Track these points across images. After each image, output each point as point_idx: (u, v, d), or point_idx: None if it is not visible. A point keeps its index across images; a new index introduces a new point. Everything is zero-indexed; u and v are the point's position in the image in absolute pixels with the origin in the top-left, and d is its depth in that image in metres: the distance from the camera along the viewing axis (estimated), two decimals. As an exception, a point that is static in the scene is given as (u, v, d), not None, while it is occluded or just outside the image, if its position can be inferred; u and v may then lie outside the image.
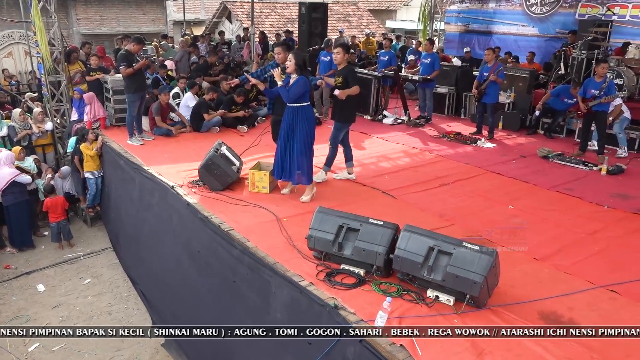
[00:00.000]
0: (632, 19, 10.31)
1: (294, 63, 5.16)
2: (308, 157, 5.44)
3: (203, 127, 8.61)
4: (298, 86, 5.17)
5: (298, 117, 5.29)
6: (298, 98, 5.22)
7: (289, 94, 5.21)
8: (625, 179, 6.82)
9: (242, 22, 19.78)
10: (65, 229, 7.97)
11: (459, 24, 14.10)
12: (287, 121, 5.35)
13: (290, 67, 5.18)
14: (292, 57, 5.21)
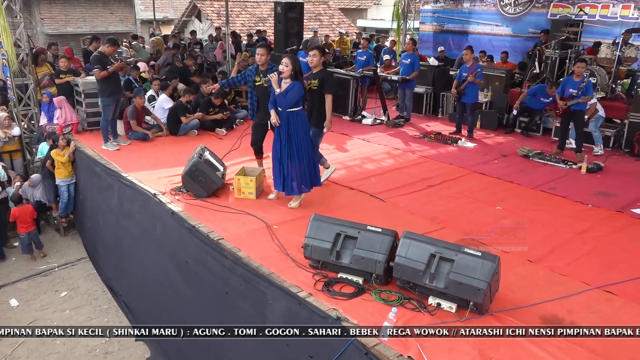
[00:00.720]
0: (602, 18, 10.56)
1: (292, 69, 5.05)
2: (308, 161, 5.31)
3: (180, 130, 8.38)
4: (294, 92, 5.06)
5: (293, 122, 5.17)
6: (294, 103, 5.11)
7: (285, 100, 5.07)
8: (605, 176, 6.95)
9: (213, 21, 19.42)
10: (36, 238, 7.63)
11: (433, 24, 14.18)
12: (282, 127, 5.21)
13: (287, 72, 5.05)
14: (290, 62, 5.08)
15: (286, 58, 5.14)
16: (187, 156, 7.19)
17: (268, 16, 21.25)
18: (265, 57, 5.65)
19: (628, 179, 6.86)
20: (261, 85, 5.67)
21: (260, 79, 5.68)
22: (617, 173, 7.09)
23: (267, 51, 5.72)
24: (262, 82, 5.64)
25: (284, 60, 5.10)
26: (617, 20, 10.52)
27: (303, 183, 5.34)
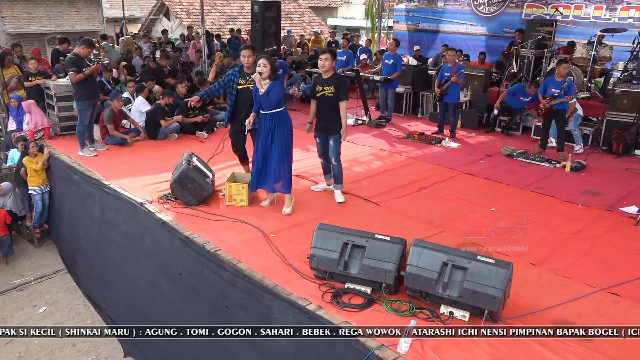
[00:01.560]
0: (575, 19, 10.78)
1: (270, 69, 4.93)
2: (288, 162, 5.25)
3: (160, 134, 8.09)
4: (276, 92, 4.95)
5: (276, 122, 5.08)
6: (277, 104, 5.00)
7: (269, 100, 4.94)
8: (588, 175, 7.06)
9: (182, 19, 18.99)
10: (6, 245, 7.25)
11: (408, 23, 14.21)
12: (265, 129, 5.10)
13: (266, 72, 4.92)
14: (267, 62, 4.95)
15: (263, 58, 5.00)
16: (169, 161, 6.99)
17: (238, 14, 20.98)
18: (252, 58, 5.46)
19: (611, 176, 7.00)
20: (246, 89, 5.47)
21: (245, 81, 5.49)
22: (599, 171, 7.22)
23: (252, 52, 5.52)
24: (247, 85, 5.46)
25: (262, 60, 4.96)
26: (590, 21, 10.77)
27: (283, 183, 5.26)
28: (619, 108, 8.22)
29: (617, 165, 7.53)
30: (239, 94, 5.56)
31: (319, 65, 5.41)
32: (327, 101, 5.42)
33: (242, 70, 5.55)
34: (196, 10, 19.57)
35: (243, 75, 5.52)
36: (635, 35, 9.25)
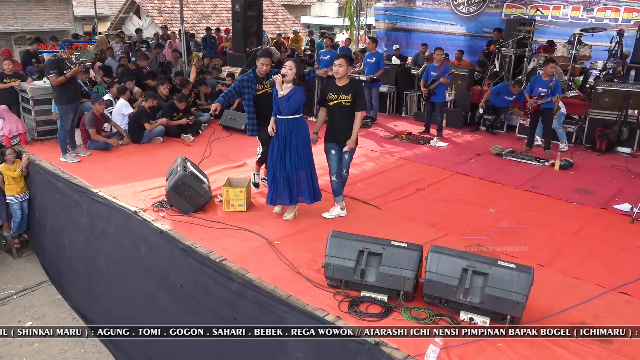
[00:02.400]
0: (554, 19, 10.97)
1: (295, 72, 4.77)
2: (309, 170, 5.06)
3: (144, 137, 7.83)
4: (298, 97, 4.80)
5: (293, 129, 4.91)
6: (296, 109, 4.85)
7: (288, 105, 4.79)
8: (577, 173, 7.17)
9: (154, 17, 18.52)
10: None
11: (386, 22, 14.21)
12: (281, 135, 4.92)
13: (291, 75, 4.77)
14: (294, 65, 4.79)
15: (290, 61, 4.85)
16: (158, 167, 6.79)
17: (211, 12, 20.62)
18: (269, 66, 5.39)
19: (599, 174, 7.12)
20: (264, 93, 5.37)
21: (263, 86, 5.38)
22: (586, 169, 7.35)
23: (271, 60, 5.45)
24: (265, 89, 5.35)
25: (289, 63, 4.82)
26: (568, 21, 10.98)
27: (300, 194, 5.08)
28: (601, 106, 8.38)
29: (603, 163, 7.67)
30: (259, 99, 5.41)
31: (334, 71, 5.06)
32: (343, 110, 5.03)
33: (256, 76, 5.41)
34: (168, 9, 19.15)
35: (259, 80, 5.40)
36: (613, 34, 9.46)
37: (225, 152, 7.53)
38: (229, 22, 20.54)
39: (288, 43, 15.31)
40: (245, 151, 7.66)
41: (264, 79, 5.40)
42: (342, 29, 23.52)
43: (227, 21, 20.70)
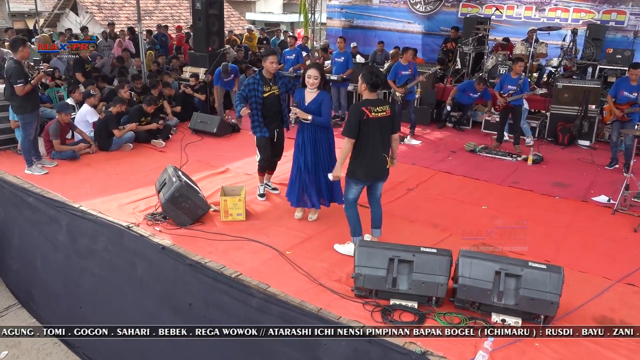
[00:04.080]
0: (508, 18, 11.41)
1: (321, 79, 4.73)
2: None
3: (113, 144, 7.36)
4: (328, 104, 4.82)
5: (322, 132, 4.93)
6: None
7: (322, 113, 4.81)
8: (548, 167, 7.49)
9: (93, 14, 17.52)
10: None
11: (342, 19, 14.21)
12: (309, 139, 4.90)
13: (317, 83, 4.73)
14: (318, 73, 4.71)
15: (314, 69, 4.76)
16: (135, 175, 6.45)
17: (154, 9, 19.83)
18: (277, 65, 5.27)
19: (569, 167, 7.48)
20: (272, 95, 5.25)
21: (270, 87, 5.24)
22: (556, 163, 7.69)
23: (277, 59, 5.31)
24: (272, 91, 5.23)
25: (313, 72, 4.72)
26: (521, 20, 11.46)
27: (322, 196, 5.09)
28: (561, 102, 8.80)
29: (568, 156, 8.06)
30: (265, 101, 5.26)
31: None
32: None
33: (263, 77, 5.25)
34: (108, 4, 18.20)
35: (266, 82, 5.24)
36: (566, 33, 9.97)
37: (204, 158, 7.25)
38: (172, 19, 19.88)
39: (240, 41, 14.94)
40: (223, 156, 7.42)
41: (270, 80, 5.24)
42: (288, 25, 23.37)
43: (172, 17, 20.00)
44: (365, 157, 4.27)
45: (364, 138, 4.21)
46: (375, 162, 4.29)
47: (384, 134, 4.27)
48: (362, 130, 4.18)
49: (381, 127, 4.21)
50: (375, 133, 4.21)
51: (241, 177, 6.55)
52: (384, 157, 4.30)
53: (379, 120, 4.19)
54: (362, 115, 4.16)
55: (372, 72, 4.22)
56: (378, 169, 4.34)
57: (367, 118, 4.16)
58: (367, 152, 4.25)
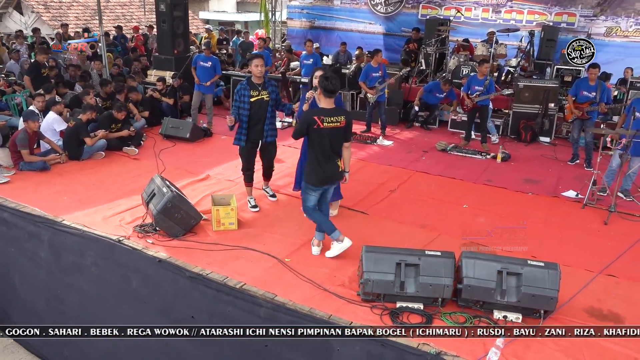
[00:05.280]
0: (466, 19, 11.80)
1: None
2: None
3: (84, 153, 7.10)
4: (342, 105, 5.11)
5: None
6: None
7: None
8: (517, 164, 7.83)
9: (40, 14, 16.71)
10: None
11: (302, 20, 14.24)
12: None
13: None
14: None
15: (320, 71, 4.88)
16: (113, 185, 6.31)
17: (104, 8, 19.07)
18: (263, 68, 5.19)
19: (535, 164, 7.87)
20: (260, 100, 5.19)
21: (258, 92, 5.18)
22: (522, 160, 8.06)
23: (263, 61, 5.26)
24: (261, 96, 5.17)
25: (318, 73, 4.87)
26: (479, 22, 11.88)
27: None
28: (523, 100, 9.21)
29: (532, 153, 8.47)
30: (252, 106, 5.20)
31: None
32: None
33: (250, 82, 5.22)
34: (55, 4, 17.40)
35: (253, 87, 5.21)
36: (523, 34, 10.43)
37: (181, 165, 7.13)
38: (124, 18, 19.26)
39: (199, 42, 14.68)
40: (200, 162, 7.33)
41: (259, 85, 5.21)
42: (242, 24, 23.13)
43: (123, 17, 19.37)
44: (319, 164, 4.42)
45: (317, 146, 4.36)
46: (327, 169, 4.44)
47: (335, 143, 4.40)
48: (314, 138, 4.33)
49: (332, 136, 4.35)
50: (327, 141, 4.35)
51: (223, 183, 6.49)
52: (336, 163, 4.46)
53: (330, 130, 4.31)
54: (313, 124, 4.28)
55: (328, 78, 4.30)
56: (331, 175, 4.50)
57: (318, 127, 4.28)
58: (320, 160, 4.40)
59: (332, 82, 4.26)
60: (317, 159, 4.40)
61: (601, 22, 10.81)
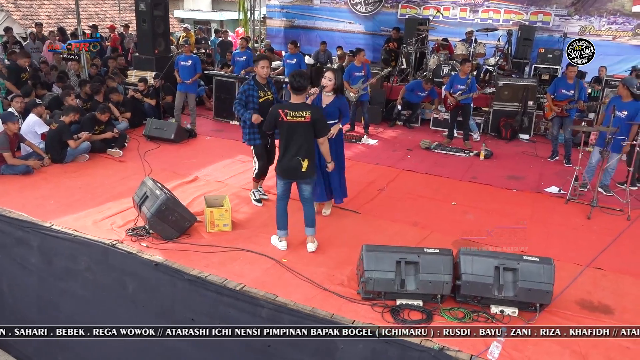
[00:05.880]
0: (445, 19, 11.98)
1: (334, 83, 4.98)
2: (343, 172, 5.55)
3: (68, 156, 6.97)
4: (346, 106, 5.32)
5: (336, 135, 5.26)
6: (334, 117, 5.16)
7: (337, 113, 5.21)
8: (500, 161, 8.02)
9: (10, 12, 16.25)
10: None
11: (282, 19, 14.22)
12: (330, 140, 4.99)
13: (330, 86, 4.97)
14: (333, 76, 4.98)
15: (330, 72, 5.05)
16: (100, 188, 6.24)
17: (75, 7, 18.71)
18: (269, 69, 5.35)
19: (516, 161, 8.07)
20: (266, 100, 5.31)
21: (265, 93, 5.31)
22: (504, 157, 8.25)
23: (270, 63, 5.42)
24: (267, 97, 5.32)
25: (328, 74, 5.01)
26: (457, 21, 12.08)
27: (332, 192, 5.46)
28: (502, 99, 9.43)
29: (513, 150, 8.67)
30: (261, 107, 5.27)
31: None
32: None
33: (257, 82, 5.32)
34: (26, 2, 16.95)
35: (261, 87, 5.31)
36: (500, 34, 10.66)
37: (168, 166, 7.06)
38: (98, 17, 18.89)
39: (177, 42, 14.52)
40: (187, 163, 7.27)
41: (265, 86, 5.29)
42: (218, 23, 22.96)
43: (96, 16, 18.99)
44: (282, 157, 4.57)
45: (282, 139, 4.53)
46: (289, 164, 4.53)
47: (301, 138, 4.47)
48: (280, 131, 4.51)
49: (297, 131, 4.44)
50: (291, 136, 4.46)
51: (213, 185, 6.46)
52: (298, 161, 4.50)
53: (294, 125, 4.43)
54: (277, 117, 4.45)
55: (295, 76, 4.46)
56: (292, 170, 4.56)
57: (282, 120, 4.43)
58: (282, 152, 4.57)
59: (297, 80, 4.41)
60: (280, 151, 4.58)
61: (575, 22, 11.14)
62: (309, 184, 4.69)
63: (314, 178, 4.73)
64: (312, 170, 4.59)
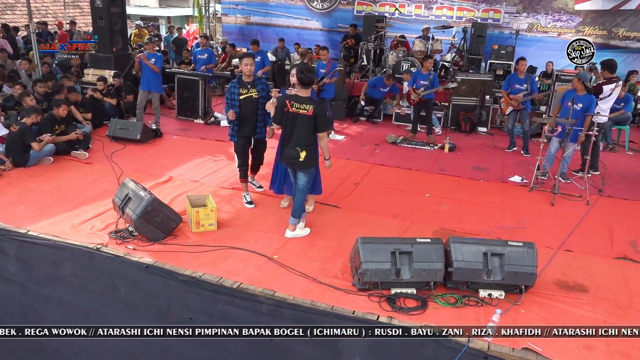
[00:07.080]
0: (400, 16, 12.27)
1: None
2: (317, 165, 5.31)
3: (31, 159, 6.68)
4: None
5: None
6: None
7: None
8: (463, 153, 8.35)
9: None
10: None
11: (238, 16, 14.09)
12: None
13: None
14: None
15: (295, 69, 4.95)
16: (71, 192, 6.11)
17: (15, 2, 17.78)
18: (253, 67, 5.31)
19: (478, 152, 8.44)
20: (249, 97, 5.31)
21: (247, 90, 5.30)
22: (466, 149, 8.60)
23: (254, 60, 5.37)
24: (250, 94, 5.30)
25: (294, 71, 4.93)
26: (412, 18, 12.41)
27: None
28: (461, 93, 9.80)
29: (474, 142, 9.06)
30: (242, 104, 5.30)
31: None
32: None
33: (240, 80, 5.33)
34: (-41, -3, 15.90)
35: (243, 85, 5.33)
36: (457, 31, 11.05)
37: (139, 167, 6.91)
38: (39, 13, 17.99)
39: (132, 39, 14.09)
40: (157, 163, 7.14)
41: (249, 84, 5.30)
42: (166, 19, 22.43)
43: (37, 12, 18.06)
44: (285, 145, 4.87)
45: (284, 127, 4.84)
46: (289, 152, 4.82)
47: (301, 130, 4.73)
48: (284, 120, 4.77)
49: (298, 122, 4.71)
50: (293, 126, 4.75)
51: (189, 184, 6.39)
52: (297, 151, 4.76)
53: (297, 116, 4.69)
54: (284, 106, 4.74)
55: (304, 71, 4.69)
56: (291, 158, 4.83)
57: (288, 110, 4.72)
58: (283, 139, 4.91)
59: (306, 75, 4.68)
60: (282, 138, 4.92)
61: (524, 19, 11.70)
62: (306, 175, 4.89)
63: (311, 170, 4.93)
64: (309, 162, 4.81)
